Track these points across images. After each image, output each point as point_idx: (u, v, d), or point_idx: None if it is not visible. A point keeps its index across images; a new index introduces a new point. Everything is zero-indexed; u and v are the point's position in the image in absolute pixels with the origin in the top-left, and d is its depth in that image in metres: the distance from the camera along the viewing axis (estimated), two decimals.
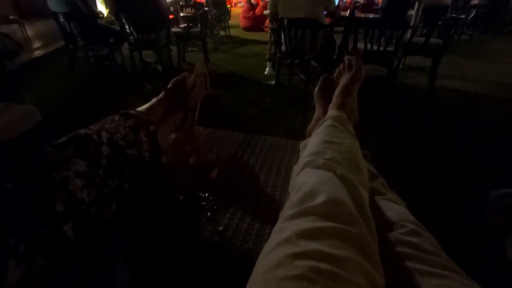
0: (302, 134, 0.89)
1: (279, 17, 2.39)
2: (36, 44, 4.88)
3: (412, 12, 3.52)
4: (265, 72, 3.13)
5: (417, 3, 3.27)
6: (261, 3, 8.94)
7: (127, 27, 2.75)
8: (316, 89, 0.98)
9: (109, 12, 4.64)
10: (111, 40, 3.15)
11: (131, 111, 0.71)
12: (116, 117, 0.69)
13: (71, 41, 3.09)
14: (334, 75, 0.97)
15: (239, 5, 14.89)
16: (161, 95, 0.85)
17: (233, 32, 6.40)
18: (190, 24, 3.42)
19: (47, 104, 2.54)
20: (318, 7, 2.27)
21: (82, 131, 0.59)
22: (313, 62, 2.66)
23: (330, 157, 0.52)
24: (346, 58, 0.95)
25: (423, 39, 2.60)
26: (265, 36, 4.75)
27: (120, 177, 0.59)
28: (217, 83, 2.99)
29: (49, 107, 2.47)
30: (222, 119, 2.23)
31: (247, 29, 6.74)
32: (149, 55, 3.30)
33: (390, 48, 2.33)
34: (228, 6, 6.58)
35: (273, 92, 2.70)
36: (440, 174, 1.56)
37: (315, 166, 0.50)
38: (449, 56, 3.72)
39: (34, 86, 3.05)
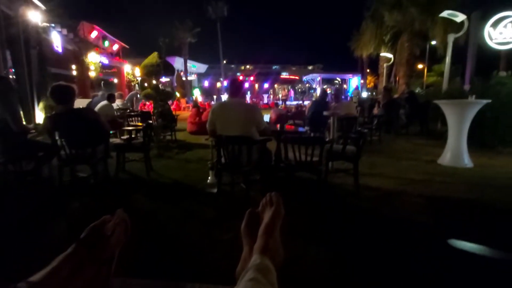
0: (241, 254, 0.85)
1: (217, 134, 2.64)
2: None
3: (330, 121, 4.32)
4: (208, 181, 3.18)
5: (331, 117, 4.06)
6: (208, 108, 9.94)
7: (59, 141, 2.67)
8: (242, 225, 1.00)
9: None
10: (40, 154, 2.96)
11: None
12: None
13: None
14: (259, 209, 1.03)
15: (187, 109, 16.31)
16: (70, 250, 0.75)
17: (180, 135, 6.72)
18: (133, 136, 3.51)
19: None
20: (250, 126, 2.61)
21: None
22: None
23: None
24: (267, 194, 1.04)
25: (341, 147, 3.10)
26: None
27: None
28: (157, 196, 2.89)
29: None
30: (157, 241, 2.05)
31: (193, 133, 7.18)
32: (82, 167, 3.13)
33: (316, 158, 2.67)
34: (177, 114, 7.12)
35: (215, 202, 2.70)
36: None
37: None
38: (367, 155, 4.39)
39: None
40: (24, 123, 3.35)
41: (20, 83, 6.62)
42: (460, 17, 7.04)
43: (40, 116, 6.92)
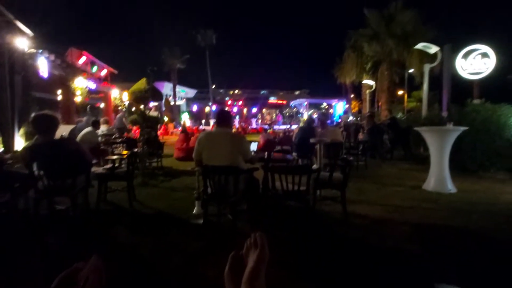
0: None
1: (204, 164, 2.60)
2: None
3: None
4: (194, 211, 3.08)
5: (318, 144, 4.12)
6: (196, 133, 9.85)
7: (37, 172, 2.54)
8: (225, 271, 0.95)
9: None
10: (16, 185, 2.81)
11: None
12: None
13: None
14: (243, 251, 0.98)
15: (175, 133, 16.19)
16: None
17: (167, 162, 6.57)
18: (116, 165, 3.41)
19: None
20: (237, 156, 2.60)
21: None
22: None
23: None
24: (252, 235, 1.00)
25: (328, 174, 3.12)
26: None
27: None
28: (139, 228, 2.75)
29: None
30: (139, 277, 1.92)
31: (180, 159, 7.07)
32: (61, 198, 2.97)
33: (303, 187, 2.66)
34: (163, 141, 7.02)
35: (201, 233, 2.60)
36: None
37: None
38: (354, 180, 4.42)
39: None
40: (0, 150, 3.22)
41: (2, 108, 6.44)
42: (433, 48, 7.58)
43: (20, 142, 6.66)
